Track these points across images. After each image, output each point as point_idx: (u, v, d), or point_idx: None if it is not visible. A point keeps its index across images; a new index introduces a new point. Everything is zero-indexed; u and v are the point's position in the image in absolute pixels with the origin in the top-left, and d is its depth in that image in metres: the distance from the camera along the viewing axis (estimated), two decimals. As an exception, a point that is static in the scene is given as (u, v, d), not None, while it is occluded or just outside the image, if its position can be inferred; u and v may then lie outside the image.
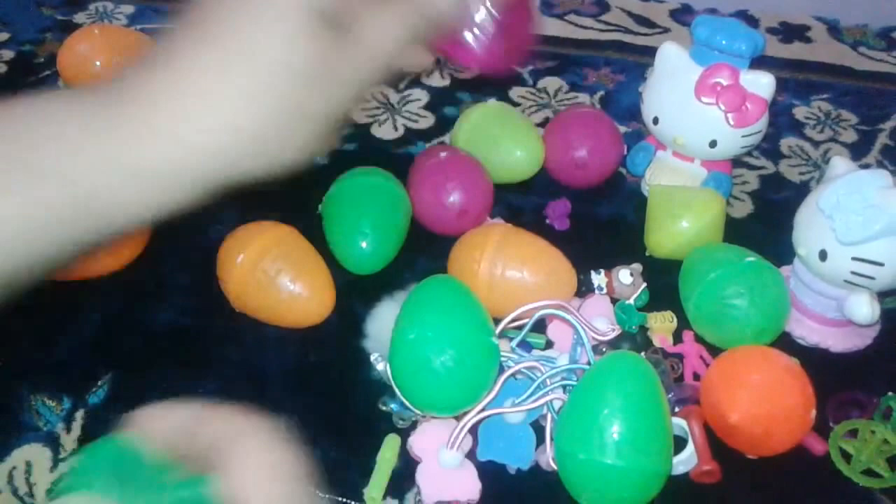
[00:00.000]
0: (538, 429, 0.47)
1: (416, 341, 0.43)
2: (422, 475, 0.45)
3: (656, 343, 0.51)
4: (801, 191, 0.64)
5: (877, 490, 0.45)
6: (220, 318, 0.53)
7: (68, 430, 0.47)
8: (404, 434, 0.47)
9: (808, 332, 0.51)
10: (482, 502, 0.44)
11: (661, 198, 0.56)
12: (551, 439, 0.45)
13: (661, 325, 0.52)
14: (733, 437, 0.45)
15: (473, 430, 0.46)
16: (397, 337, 0.45)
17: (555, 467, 0.44)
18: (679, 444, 0.45)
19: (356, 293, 0.54)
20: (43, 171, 0.30)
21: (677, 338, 0.52)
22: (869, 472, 0.46)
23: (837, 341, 0.51)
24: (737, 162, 0.64)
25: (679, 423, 0.46)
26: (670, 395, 0.47)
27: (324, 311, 0.52)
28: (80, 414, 0.48)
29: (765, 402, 0.44)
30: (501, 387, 0.46)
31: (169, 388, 0.49)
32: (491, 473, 0.45)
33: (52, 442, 0.47)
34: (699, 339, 0.51)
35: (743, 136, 0.56)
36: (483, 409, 0.45)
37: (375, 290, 0.54)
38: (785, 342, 0.51)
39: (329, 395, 0.49)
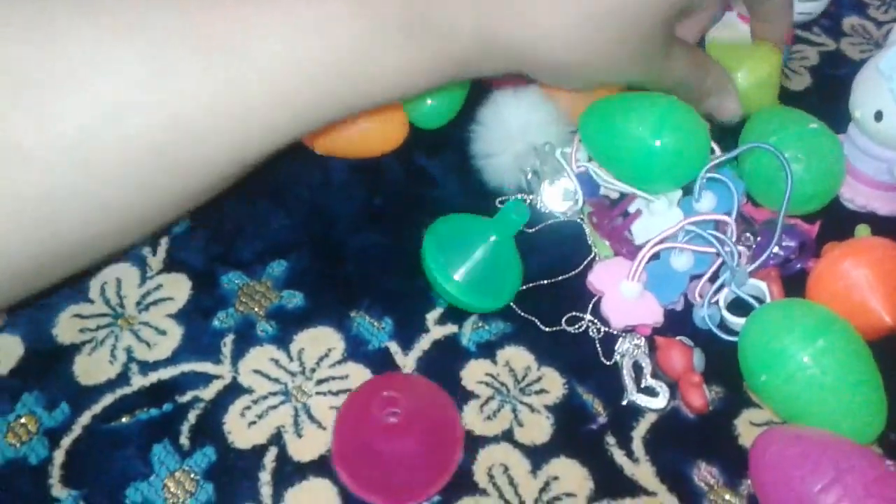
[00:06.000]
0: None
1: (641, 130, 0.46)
2: (606, 306, 0.47)
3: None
4: (861, 68, 0.64)
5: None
6: (287, 157, 0.55)
7: (154, 252, 0.51)
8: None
9: (855, 195, 0.53)
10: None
11: (717, 52, 0.57)
12: (707, 279, 0.47)
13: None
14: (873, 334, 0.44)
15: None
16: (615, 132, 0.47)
17: (699, 300, 0.47)
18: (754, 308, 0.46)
19: (421, 146, 0.57)
20: (241, 53, 0.33)
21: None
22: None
23: (884, 204, 0.52)
24: (797, 38, 0.64)
25: (757, 285, 0.47)
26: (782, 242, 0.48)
27: (400, 135, 0.56)
28: (164, 240, 0.52)
29: None
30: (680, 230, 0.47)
31: (242, 219, 0.53)
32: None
33: (140, 262, 0.51)
34: (749, 197, 0.53)
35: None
36: (658, 244, 0.47)
37: (440, 143, 0.57)
38: (831, 205, 0.52)
39: (396, 235, 0.52)
